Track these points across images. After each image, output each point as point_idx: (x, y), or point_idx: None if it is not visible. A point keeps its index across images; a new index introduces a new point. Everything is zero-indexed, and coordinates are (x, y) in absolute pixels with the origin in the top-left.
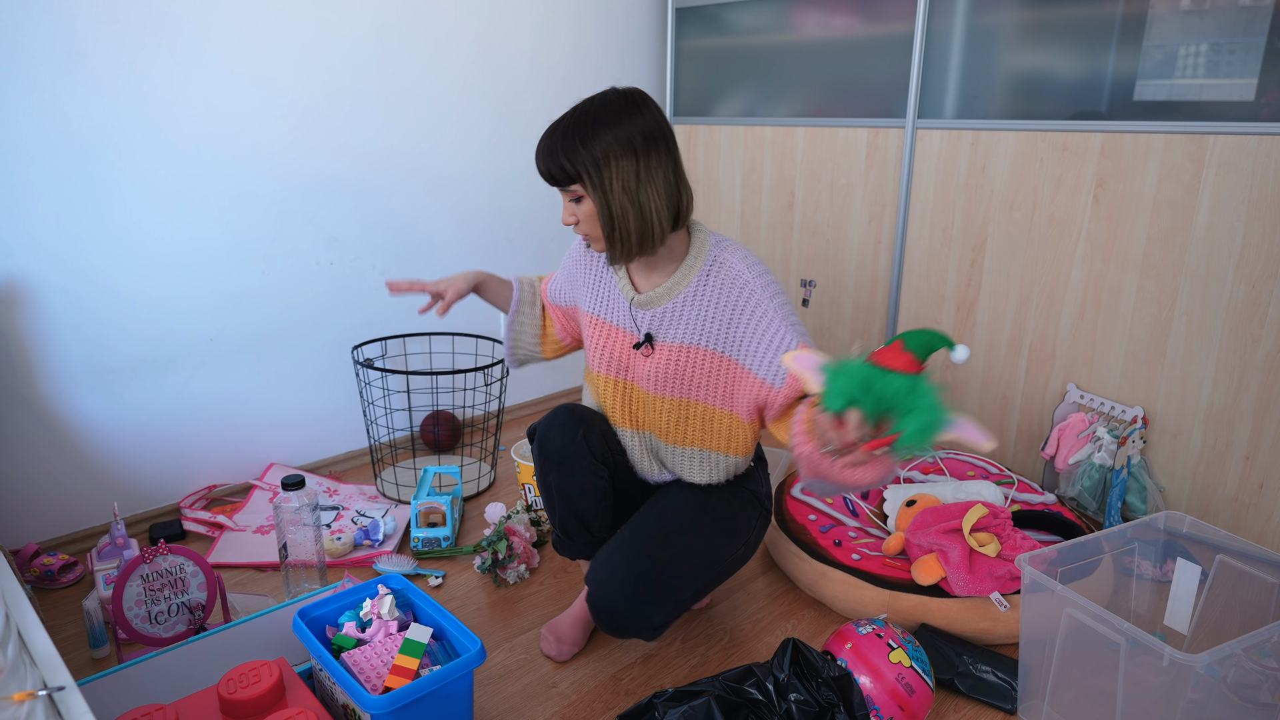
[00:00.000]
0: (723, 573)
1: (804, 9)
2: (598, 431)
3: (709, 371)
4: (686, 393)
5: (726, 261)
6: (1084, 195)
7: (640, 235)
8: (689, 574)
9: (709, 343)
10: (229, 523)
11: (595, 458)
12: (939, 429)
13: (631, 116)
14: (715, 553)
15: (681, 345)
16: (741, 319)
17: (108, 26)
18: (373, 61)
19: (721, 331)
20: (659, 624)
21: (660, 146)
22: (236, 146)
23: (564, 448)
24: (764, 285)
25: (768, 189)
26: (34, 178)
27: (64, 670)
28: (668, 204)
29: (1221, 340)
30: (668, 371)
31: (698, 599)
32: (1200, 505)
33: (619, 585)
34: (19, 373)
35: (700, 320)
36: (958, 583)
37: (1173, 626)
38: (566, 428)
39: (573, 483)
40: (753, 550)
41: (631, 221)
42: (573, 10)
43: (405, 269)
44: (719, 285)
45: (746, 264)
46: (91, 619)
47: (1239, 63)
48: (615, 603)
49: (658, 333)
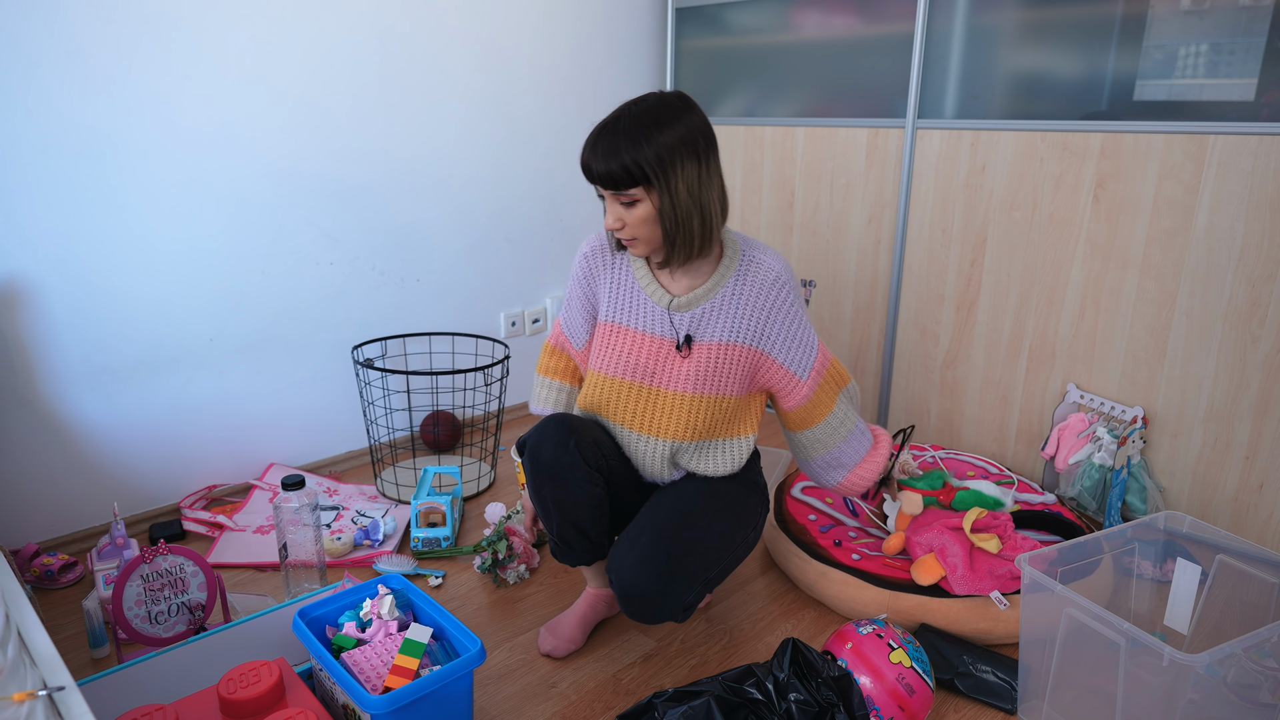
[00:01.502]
0: (738, 556)
1: (804, 9)
2: (590, 440)
3: (742, 364)
4: (720, 389)
5: (761, 260)
6: (1084, 195)
7: (702, 237)
8: (713, 554)
9: (745, 339)
10: (229, 523)
11: (590, 466)
12: None
13: (689, 118)
14: (731, 535)
15: (720, 343)
16: (776, 315)
17: (107, 27)
18: (373, 62)
19: (758, 327)
20: (690, 604)
21: (715, 148)
22: (236, 147)
23: (557, 459)
24: (794, 285)
25: (768, 189)
26: (34, 178)
27: (64, 670)
28: (723, 206)
29: (1221, 340)
30: (706, 370)
31: (720, 580)
32: (1200, 505)
33: (649, 567)
34: (19, 373)
35: (738, 317)
36: (958, 581)
37: (1173, 626)
38: (558, 438)
39: (568, 494)
40: (758, 537)
41: (695, 224)
42: (573, 10)
43: (406, 269)
44: (756, 283)
45: (779, 262)
46: (91, 619)
47: (1239, 63)
48: (645, 585)
49: (696, 333)
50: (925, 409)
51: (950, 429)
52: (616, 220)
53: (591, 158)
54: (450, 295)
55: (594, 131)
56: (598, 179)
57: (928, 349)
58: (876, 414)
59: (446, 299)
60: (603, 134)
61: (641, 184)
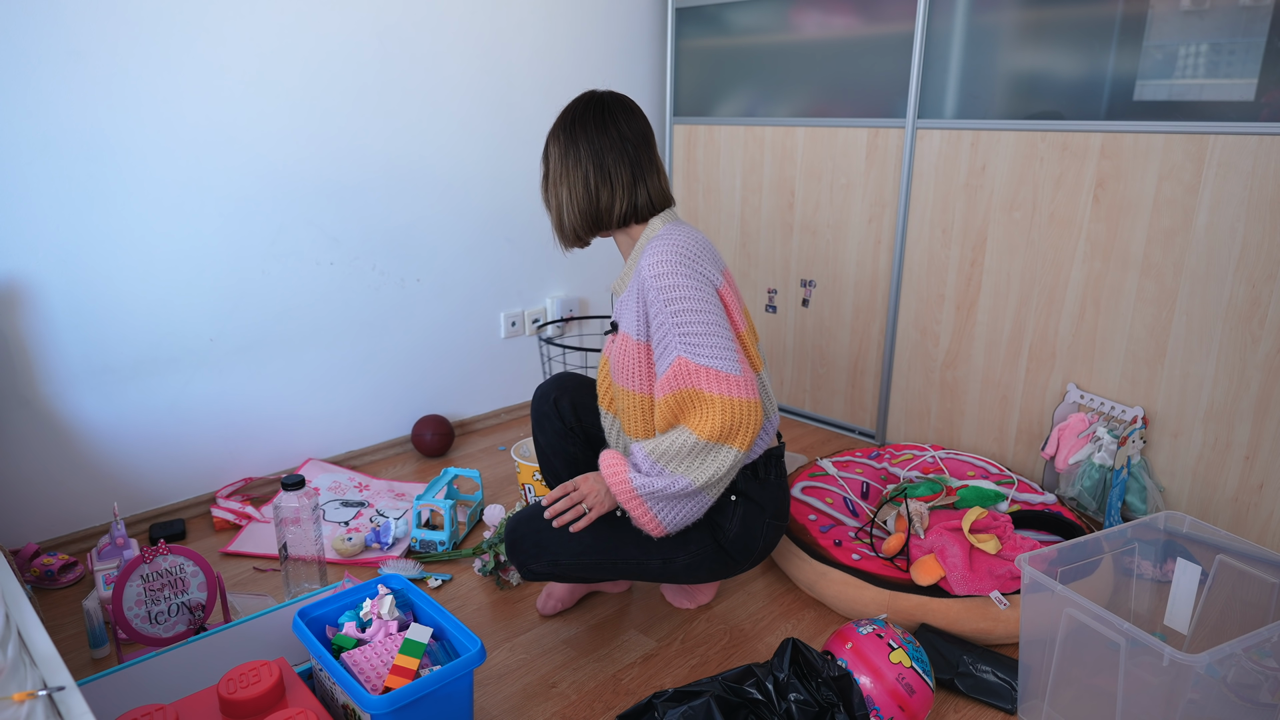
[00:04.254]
0: (620, 569)
1: (804, 9)
2: (571, 401)
3: (644, 362)
4: (631, 384)
5: (646, 256)
6: (1084, 195)
7: (560, 226)
8: (573, 545)
9: (636, 334)
10: (256, 514)
11: (563, 422)
12: None
13: (566, 114)
14: (615, 550)
15: (624, 334)
16: (650, 314)
17: (106, 27)
18: (374, 63)
19: (643, 324)
20: (536, 572)
21: (592, 146)
22: (236, 147)
23: (538, 408)
24: (659, 290)
25: (768, 189)
26: (34, 178)
27: (64, 670)
28: (589, 201)
29: (1221, 340)
30: (620, 360)
31: (586, 575)
32: (1200, 505)
33: (516, 524)
34: (19, 373)
35: (634, 311)
36: (957, 581)
37: (1173, 626)
38: (547, 390)
39: (546, 440)
40: (690, 572)
41: (558, 210)
42: (573, 10)
43: (406, 269)
44: (638, 280)
45: (650, 264)
46: (91, 619)
47: (1239, 63)
48: (509, 533)
49: (619, 321)
50: (925, 409)
51: (950, 429)
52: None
53: None
54: (450, 295)
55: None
56: None
57: (928, 349)
58: (877, 414)
59: (447, 299)
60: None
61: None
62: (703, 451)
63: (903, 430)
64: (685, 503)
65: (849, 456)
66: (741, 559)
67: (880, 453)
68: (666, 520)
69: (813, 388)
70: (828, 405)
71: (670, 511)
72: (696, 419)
